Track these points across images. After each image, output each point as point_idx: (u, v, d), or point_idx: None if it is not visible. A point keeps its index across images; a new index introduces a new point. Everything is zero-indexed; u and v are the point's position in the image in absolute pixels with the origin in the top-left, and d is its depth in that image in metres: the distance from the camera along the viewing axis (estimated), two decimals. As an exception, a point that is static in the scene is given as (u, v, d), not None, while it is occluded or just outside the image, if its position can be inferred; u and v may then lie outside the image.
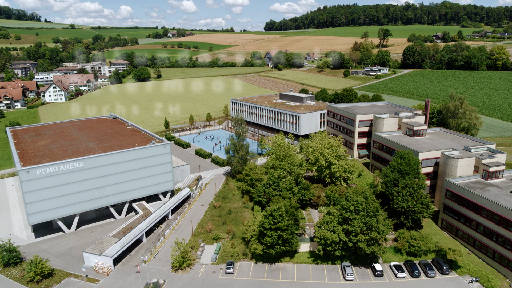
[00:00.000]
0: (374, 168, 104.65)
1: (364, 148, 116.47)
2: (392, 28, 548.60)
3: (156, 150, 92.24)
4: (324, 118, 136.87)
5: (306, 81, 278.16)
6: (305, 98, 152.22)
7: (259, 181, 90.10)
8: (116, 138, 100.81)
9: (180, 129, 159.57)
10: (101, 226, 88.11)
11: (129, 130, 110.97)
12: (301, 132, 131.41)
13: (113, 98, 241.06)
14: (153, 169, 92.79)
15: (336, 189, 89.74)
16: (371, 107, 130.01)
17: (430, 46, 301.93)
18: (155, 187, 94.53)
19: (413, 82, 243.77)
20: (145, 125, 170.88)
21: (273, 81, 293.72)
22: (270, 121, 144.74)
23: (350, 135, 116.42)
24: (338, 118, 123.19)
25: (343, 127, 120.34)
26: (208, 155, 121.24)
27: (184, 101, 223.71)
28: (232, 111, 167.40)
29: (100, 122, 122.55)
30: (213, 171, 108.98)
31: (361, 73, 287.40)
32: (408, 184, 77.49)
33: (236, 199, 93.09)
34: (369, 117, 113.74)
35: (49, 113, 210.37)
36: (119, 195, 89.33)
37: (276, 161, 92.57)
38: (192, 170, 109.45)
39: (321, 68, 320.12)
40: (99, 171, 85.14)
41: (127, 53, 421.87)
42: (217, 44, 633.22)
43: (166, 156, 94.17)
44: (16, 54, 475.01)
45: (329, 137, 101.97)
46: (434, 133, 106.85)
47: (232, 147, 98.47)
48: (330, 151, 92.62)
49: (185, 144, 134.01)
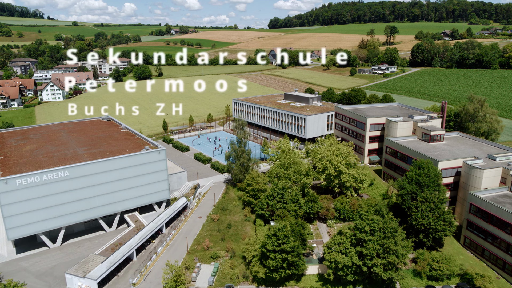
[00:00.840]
0: (387, 176, 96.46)
1: (375, 153, 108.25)
2: (399, 25, 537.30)
3: (150, 156, 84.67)
4: (332, 120, 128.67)
5: (311, 79, 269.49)
6: (311, 99, 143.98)
7: (262, 191, 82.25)
8: (107, 143, 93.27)
9: (179, 130, 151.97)
10: (89, 240, 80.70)
11: (123, 133, 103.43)
12: (307, 135, 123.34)
13: (112, 97, 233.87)
14: (147, 177, 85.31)
15: (346, 201, 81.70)
16: (382, 109, 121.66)
17: (439, 44, 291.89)
18: (149, 197, 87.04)
19: (423, 81, 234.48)
20: (143, 126, 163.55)
21: (277, 79, 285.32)
22: (274, 123, 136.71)
23: (360, 140, 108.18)
24: (347, 120, 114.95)
25: (353, 130, 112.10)
26: (207, 160, 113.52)
27: (184, 101, 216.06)
28: (234, 112, 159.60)
29: (93, 125, 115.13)
30: (213, 178, 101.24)
31: (368, 72, 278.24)
32: (428, 198, 69.33)
33: (236, 211, 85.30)
34: (381, 120, 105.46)
35: (45, 113, 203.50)
36: (109, 206, 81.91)
37: (280, 169, 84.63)
38: (190, 177, 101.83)
39: (327, 66, 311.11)
40: (86, 180, 77.71)
41: (128, 50, 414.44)
42: (220, 41, 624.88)
43: (161, 163, 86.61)
44: (17, 52, 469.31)
45: (338, 141, 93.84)
46: (451, 138, 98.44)
47: (233, 153, 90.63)
48: (339, 158, 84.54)
49: (183, 148, 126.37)
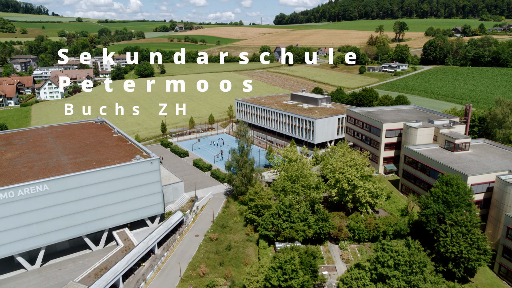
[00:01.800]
0: (405, 189, 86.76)
1: (391, 162, 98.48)
2: (408, 22, 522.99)
3: (141, 167, 75.78)
4: (342, 123, 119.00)
5: (318, 78, 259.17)
6: (319, 100, 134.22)
7: (266, 208, 73.04)
8: (96, 151, 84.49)
9: (179, 133, 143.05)
10: (73, 261, 72.11)
11: (114, 139, 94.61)
12: (316, 140, 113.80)
13: (111, 96, 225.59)
14: (138, 190, 76.52)
15: (361, 219, 72.22)
16: (398, 112, 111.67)
17: (453, 41, 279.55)
18: (141, 212, 78.26)
19: (436, 80, 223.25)
20: (141, 128, 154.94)
21: (283, 77, 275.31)
22: (280, 126, 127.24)
23: (375, 147, 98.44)
24: (360, 125, 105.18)
25: (366, 136, 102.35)
26: (207, 168, 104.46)
27: (186, 100, 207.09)
28: (237, 113, 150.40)
29: (84, 128, 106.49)
30: (212, 189, 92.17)
31: (378, 70, 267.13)
32: (458, 221, 59.73)
33: (237, 228, 76.19)
34: (398, 125, 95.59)
35: (41, 112, 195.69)
36: (95, 223, 73.24)
37: (287, 182, 75.29)
38: (188, 187, 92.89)
39: (335, 64, 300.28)
40: (68, 195, 69.04)
41: (131, 47, 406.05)
42: (225, 38, 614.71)
43: (154, 174, 77.73)
44: (19, 48, 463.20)
45: (351, 150, 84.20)
46: (477, 146, 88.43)
47: (234, 163, 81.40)
48: (353, 170, 75.00)
49: (182, 153, 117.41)
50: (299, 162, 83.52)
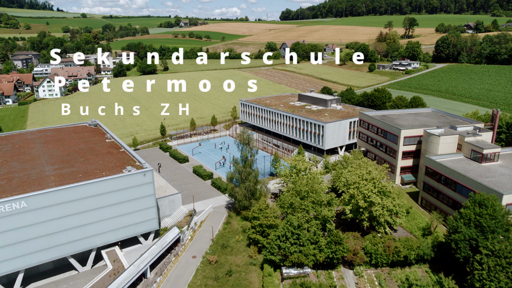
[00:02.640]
0: (426, 203, 78.19)
1: (409, 172, 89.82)
2: (417, 18, 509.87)
3: (133, 180, 67.98)
4: (354, 127, 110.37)
5: (326, 76, 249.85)
6: (329, 101, 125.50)
7: (272, 227, 64.93)
8: (85, 159, 76.83)
9: (179, 135, 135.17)
10: (56, 284, 64.71)
11: (107, 145, 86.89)
12: (326, 146, 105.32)
13: (111, 95, 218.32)
14: (129, 205, 68.82)
15: (379, 241, 63.85)
16: (415, 116, 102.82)
17: (467, 37, 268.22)
18: (133, 228, 70.60)
19: (450, 79, 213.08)
20: (140, 129, 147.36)
21: (290, 75, 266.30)
22: (287, 129, 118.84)
23: (391, 155, 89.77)
24: (375, 130, 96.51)
25: (381, 143, 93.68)
26: (208, 176, 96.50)
27: (188, 99, 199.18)
28: (241, 114, 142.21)
29: (76, 132, 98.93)
30: (213, 201, 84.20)
31: (388, 68, 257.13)
32: (496, 251, 51.18)
33: (239, 249, 68.22)
34: (418, 132, 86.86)
35: (39, 111, 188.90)
36: (81, 242, 65.70)
37: (295, 198, 67.04)
38: (186, 199, 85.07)
39: (343, 61, 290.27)
40: (50, 212, 61.49)
41: (133, 43, 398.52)
42: (230, 34, 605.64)
43: (147, 187, 69.93)
44: (22, 44, 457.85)
45: (366, 160, 75.67)
46: (506, 155, 79.58)
47: (236, 175, 73.27)
48: (370, 185, 66.60)
49: (181, 158, 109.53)
50: (309, 174, 75.18)
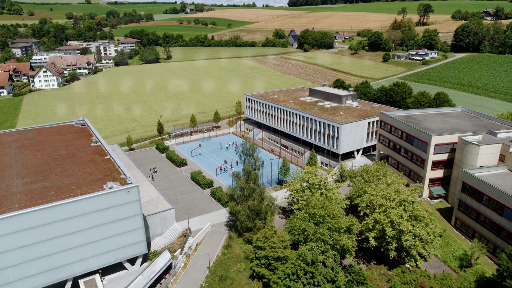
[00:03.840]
0: (462, 225, 66.14)
1: (439, 184, 77.58)
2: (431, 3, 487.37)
3: (115, 198, 57.02)
4: (373, 128, 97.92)
5: (338, 66, 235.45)
6: (344, 97, 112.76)
7: (280, 260, 53.66)
8: (62, 170, 65.93)
9: (178, 134, 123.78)
10: (23, 323, 54.43)
11: (91, 150, 75.84)
12: (341, 150, 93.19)
13: (109, 86, 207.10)
14: (112, 226, 58.10)
15: (410, 279, 52.30)
16: (443, 117, 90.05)
17: (489, 25, 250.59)
18: (116, 253, 59.97)
19: (472, 71, 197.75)
20: (137, 125, 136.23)
21: (299, 65, 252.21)
22: (297, 129, 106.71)
23: (419, 164, 77.46)
24: (398, 134, 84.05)
25: (406, 149, 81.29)
26: (207, 184, 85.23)
27: (190, 91, 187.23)
28: (246, 110, 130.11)
29: (60, 133, 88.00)
30: (211, 217, 73.03)
31: (404, 57, 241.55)
32: None
33: (241, 282, 57.22)
34: (451, 138, 74.32)
35: (33, 104, 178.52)
36: (54, 272, 55.31)
37: (308, 223, 55.52)
38: (181, 213, 74.14)
39: (355, 50, 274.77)
40: (11, 239, 50.96)
41: (137, 30, 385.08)
42: (237, 20, 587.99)
43: (132, 206, 58.96)
44: (24, 31, 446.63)
45: (393, 176, 63.62)
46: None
47: (238, 192, 61.81)
48: (400, 209, 54.81)
49: (179, 162, 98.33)
50: (324, 190, 63.49)
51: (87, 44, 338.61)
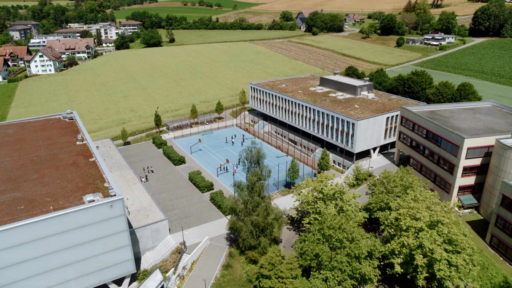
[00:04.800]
0: (500, 244, 56.92)
1: (469, 192, 68.16)
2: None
3: (95, 214, 48.61)
4: (392, 123, 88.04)
5: (348, 51, 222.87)
6: (359, 88, 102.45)
7: (288, 292, 45.14)
8: (39, 176, 57.50)
9: (177, 126, 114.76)
10: None
11: (75, 151, 67.17)
12: (357, 148, 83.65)
13: (107, 71, 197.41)
14: (93, 245, 49.98)
15: (445, 317, 43.62)
16: (473, 112, 79.89)
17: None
18: (100, 274, 52.00)
19: (494, 57, 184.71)
20: (134, 115, 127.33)
21: (307, 50, 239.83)
22: (307, 123, 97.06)
23: (447, 169, 67.87)
24: (423, 133, 74.21)
25: (432, 151, 71.57)
26: (207, 187, 76.58)
27: (192, 78, 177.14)
28: (251, 100, 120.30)
29: (44, 129, 79.36)
30: (210, 229, 64.56)
31: (419, 42, 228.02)
32: None
33: (243, 312, 48.99)
34: (487, 141, 64.42)
35: (27, 91, 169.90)
36: (24, 299, 47.49)
37: (322, 247, 46.71)
38: (175, 223, 65.83)
39: (367, 34, 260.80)
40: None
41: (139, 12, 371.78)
42: (243, 1, 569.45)
43: (117, 221, 50.60)
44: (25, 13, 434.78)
45: (426, 191, 54.27)
46: None
47: (241, 206, 52.93)
48: (434, 233, 45.77)
49: (177, 160, 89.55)
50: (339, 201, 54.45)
51: (88, 27, 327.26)
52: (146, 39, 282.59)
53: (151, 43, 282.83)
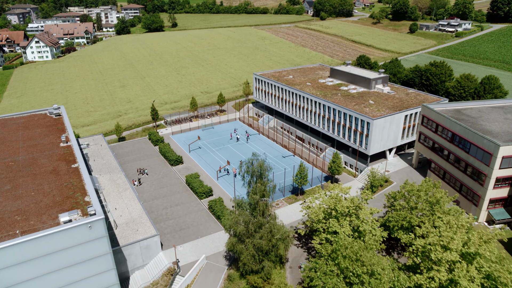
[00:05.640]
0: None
1: (500, 205, 60.26)
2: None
3: (71, 237, 41.73)
4: (410, 122, 79.71)
5: (358, 37, 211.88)
6: (373, 81, 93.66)
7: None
8: (12, 186, 50.49)
9: (175, 120, 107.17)
10: None
11: (57, 154, 60.00)
12: (371, 150, 75.66)
13: (106, 58, 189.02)
14: (70, 271, 43.32)
15: None
16: (503, 111, 71.37)
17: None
18: (80, 302, 45.38)
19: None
20: (131, 107, 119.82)
21: (315, 35, 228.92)
22: (316, 119, 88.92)
23: (475, 179, 59.86)
24: (447, 136, 65.95)
25: (458, 156, 63.42)
26: (205, 193, 69.41)
27: (194, 65, 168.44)
28: (255, 92, 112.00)
29: (27, 127, 72.18)
30: (207, 244, 57.58)
31: (433, 28, 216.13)
32: None
33: None
34: (525, 148, 56.05)
35: (22, 79, 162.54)
36: (-10, 335, 41.11)
37: (337, 281, 39.45)
38: (168, 237, 58.92)
39: (377, 19, 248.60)
40: None
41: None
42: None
43: (98, 244, 43.82)
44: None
45: (463, 219, 46.44)
46: None
47: (241, 228, 45.52)
48: (472, 269, 38.26)
49: (174, 160, 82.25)
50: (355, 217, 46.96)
51: (88, 11, 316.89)
52: (148, 24, 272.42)
53: (152, 28, 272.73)
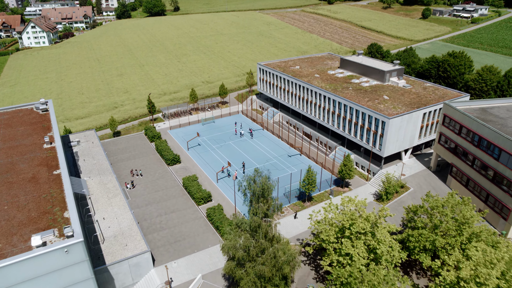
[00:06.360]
0: None
1: (533, 218, 53.71)
2: None
3: (45, 263, 36.13)
4: (429, 120, 72.75)
5: (368, 23, 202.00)
6: (387, 73, 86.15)
7: None
8: (-16, 198, 44.76)
9: (174, 113, 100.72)
10: None
11: (39, 158, 54.10)
12: (386, 151, 69.04)
13: (104, 44, 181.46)
14: (46, 300, 37.79)
15: None
16: (535, 110, 63.93)
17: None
18: (58, 332, 40.06)
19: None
20: (127, 98, 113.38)
21: (322, 21, 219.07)
22: (325, 115, 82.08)
23: (505, 190, 53.27)
24: (473, 139, 59.06)
25: (484, 163, 56.66)
26: (203, 198, 63.52)
27: (195, 53, 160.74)
28: (259, 83, 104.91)
29: (9, 125, 66.23)
30: (204, 260, 51.91)
31: (447, 14, 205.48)
32: None
33: None
34: None
35: (16, 66, 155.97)
36: None
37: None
38: (161, 250, 53.32)
39: (388, 4, 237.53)
40: None
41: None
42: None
43: (77, 269, 38.31)
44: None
45: (504, 242, 40.23)
46: None
47: (240, 252, 39.56)
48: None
49: (171, 159, 76.20)
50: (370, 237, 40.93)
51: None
52: (149, 8, 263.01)
53: (154, 12, 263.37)
